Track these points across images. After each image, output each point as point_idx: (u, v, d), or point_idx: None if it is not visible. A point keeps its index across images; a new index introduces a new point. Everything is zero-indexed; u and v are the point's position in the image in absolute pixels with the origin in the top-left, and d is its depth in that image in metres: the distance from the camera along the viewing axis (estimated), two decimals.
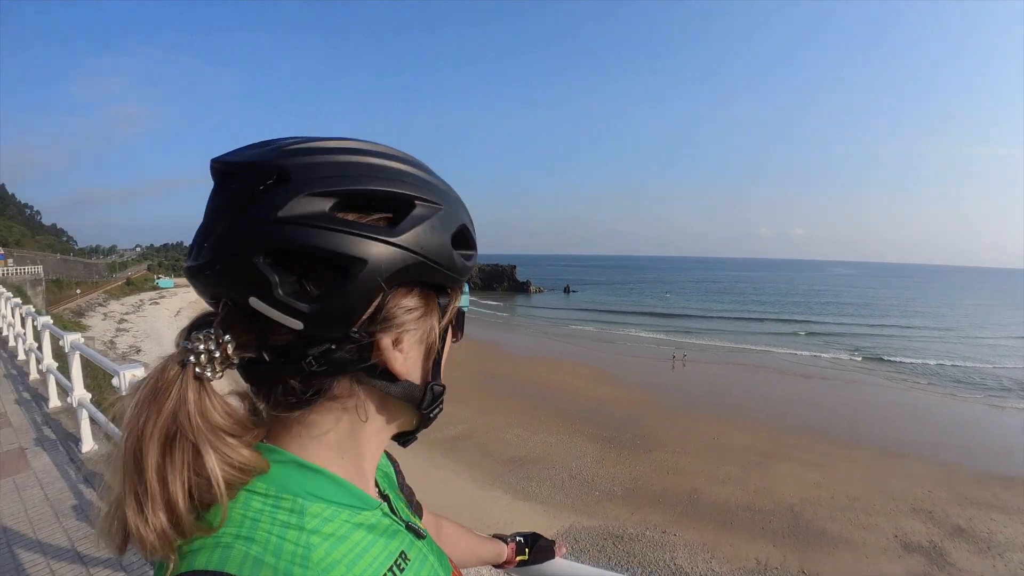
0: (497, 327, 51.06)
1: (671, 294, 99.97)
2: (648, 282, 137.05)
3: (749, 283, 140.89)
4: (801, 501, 13.38)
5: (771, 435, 18.34)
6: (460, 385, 24.80)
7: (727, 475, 14.84)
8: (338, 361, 0.59)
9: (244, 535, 0.52)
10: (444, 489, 13.39)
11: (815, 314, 68.06)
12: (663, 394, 24.05)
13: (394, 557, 0.64)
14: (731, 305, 79.54)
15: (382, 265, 0.58)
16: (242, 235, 0.55)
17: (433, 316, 0.67)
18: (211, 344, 0.56)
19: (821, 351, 39.23)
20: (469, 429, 18.50)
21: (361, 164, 0.61)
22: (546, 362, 31.70)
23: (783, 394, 25.21)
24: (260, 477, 0.57)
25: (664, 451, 16.62)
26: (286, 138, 0.63)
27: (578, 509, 12.75)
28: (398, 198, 0.62)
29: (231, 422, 0.57)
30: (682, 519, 12.35)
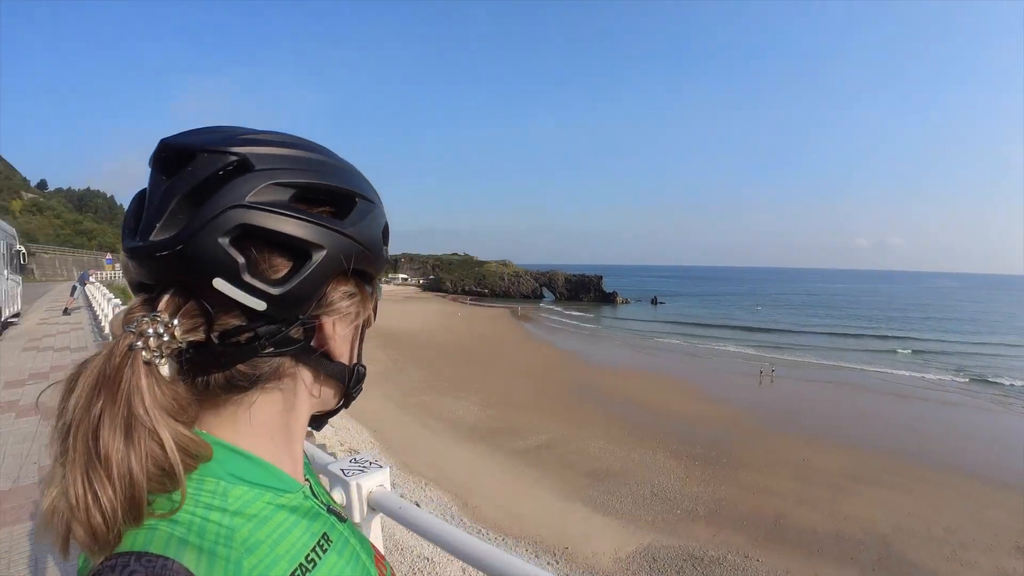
0: (583, 338, 51.01)
1: (762, 307, 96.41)
2: (739, 294, 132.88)
3: (844, 296, 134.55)
4: (893, 531, 12.74)
5: (864, 458, 17.52)
6: (544, 395, 25.03)
7: (815, 499, 14.31)
8: (286, 342, 0.63)
9: (168, 517, 0.53)
10: (524, 499, 13.55)
11: (914, 330, 64.09)
12: (751, 411, 23.37)
13: (316, 538, 0.65)
14: (825, 319, 75.92)
15: (337, 253, 0.63)
16: (208, 217, 0.57)
17: (364, 302, 0.73)
18: (159, 328, 0.57)
19: (921, 370, 36.75)
20: (552, 439, 18.63)
21: (314, 160, 0.67)
22: (631, 375, 31.37)
23: (878, 415, 23.97)
24: None
25: (750, 471, 16.19)
26: (234, 127, 0.66)
27: (658, 527, 12.61)
28: (343, 194, 0.68)
29: (178, 407, 0.57)
30: (766, 543, 12.00)
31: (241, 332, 0.60)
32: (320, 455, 2.13)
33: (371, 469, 1.84)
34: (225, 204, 0.57)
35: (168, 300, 0.58)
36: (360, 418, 19.14)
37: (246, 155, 0.60)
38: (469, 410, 22.13)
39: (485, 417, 21.22)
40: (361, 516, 1.79)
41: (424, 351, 37.13)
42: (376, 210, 0.72)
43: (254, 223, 0.58)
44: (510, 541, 11.08)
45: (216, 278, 0.57)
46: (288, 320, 0.62)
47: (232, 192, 0.58)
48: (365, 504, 1.79)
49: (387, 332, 45.81)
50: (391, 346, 38.55)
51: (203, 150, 0.60)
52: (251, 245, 0.59)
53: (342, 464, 1.88)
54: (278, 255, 0.61)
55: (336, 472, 1.83)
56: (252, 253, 0.59)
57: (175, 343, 0.57)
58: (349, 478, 1.78)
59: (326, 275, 0.64)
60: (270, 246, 0.61)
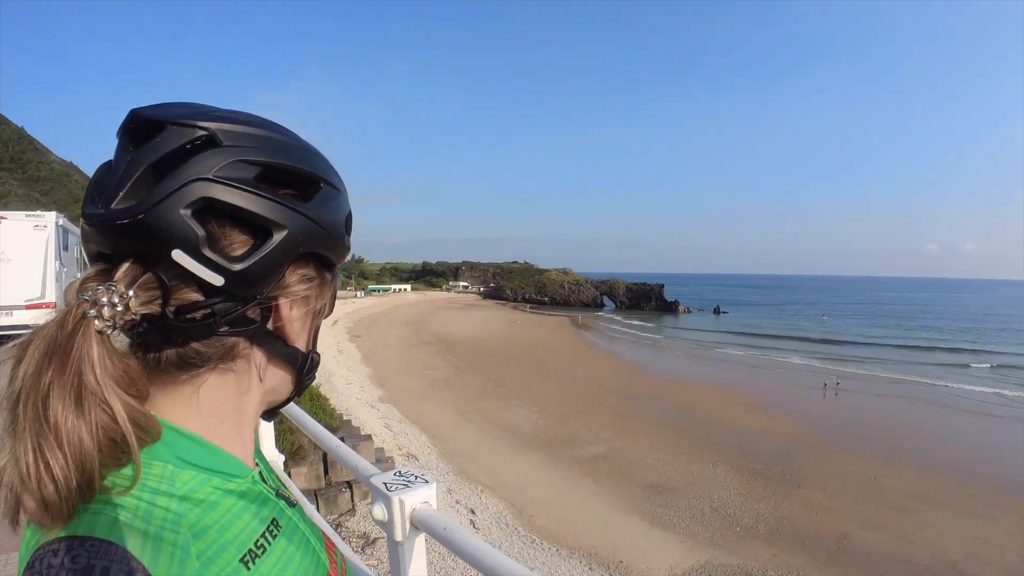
0: (643, 347, 50.47)
1: (828, 316, 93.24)
2: (805, 303, 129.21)
3: (914, 305, 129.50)
4: (964, 557, 12.12)
5: (934, 479, 16.74)
6: (603, 405, 24.89)
7: (882, 520, 13.74)
8: (241, 321, 0.62)
9: (112, 501, 0.52)
10: (579, 509, 13.49)
11: (991, 342, 60.51)
12: (816, 426, 22.64)
13: (266, 524, 0.64)
14: (894, 330, 72.84)
15: (297, 234, 0.63)
16: (172, 187, 0.57)
17: (322, 288, 0.73)
18: (114, 298, 0.56)
19: (999, 386, 34.55)
20: (610, 450, 18.50)
21: (280, 141, 0.66)
22: (693, 385, 30.83)
23: (950, 433, 22.89)
24: None
25: (814, 488, 15.68)
26: (204, 104, 0.66)
27: (717, 544, 12.35)
28: (309, 177, 0.68)
29: (129, 380, 0.56)
30: (828, 566, 11.60)
31: (197, 308, 0.59)
32: (365, 466, 1.99)
33: (416, 484, 1.72)
34: (189, 176, 0.58)
35: (126, 270, 0.58)
36: (419, 423, 19.47)
37: (214, 131, 0.61)
38: (527, 418, 22.18)
39: (543, 426, 21.23)
40: (403, 535, 1.65)
41: (484, 359, 37.43)
42: (340, 197, 0.72)
43: (218, 197, 0.58)
44: (564, 552, 11.05)
45: (175, 250, 0.56)
46: (245, 299, 0.62)
47: (197, 165, 0.59)
48: (408, 522, 1.65)
49: (447, 339, 46.42)
50: (451, 353, 39.04)
51: (172, 122, 0.60)
52: (212, 220, 0.59)
53: (385, 477, 1.76)
54: (239, 232, 0.61)
55: (378, 486, 1.72)
56: (213, 228, 0.59)
57: (129, 314, 0.57)
58: (392, 493, 1.66)
59: (286, 255, 0.63)
60: (232, 222, 0.61)
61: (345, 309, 71.99)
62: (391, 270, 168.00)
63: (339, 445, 2.33)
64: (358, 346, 40.73)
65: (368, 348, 39.83)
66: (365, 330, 52.68)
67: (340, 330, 50.69)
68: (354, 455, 2.15)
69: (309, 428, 2.86)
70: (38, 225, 14.74)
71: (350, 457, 2.11)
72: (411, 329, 53.52)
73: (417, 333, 50.40)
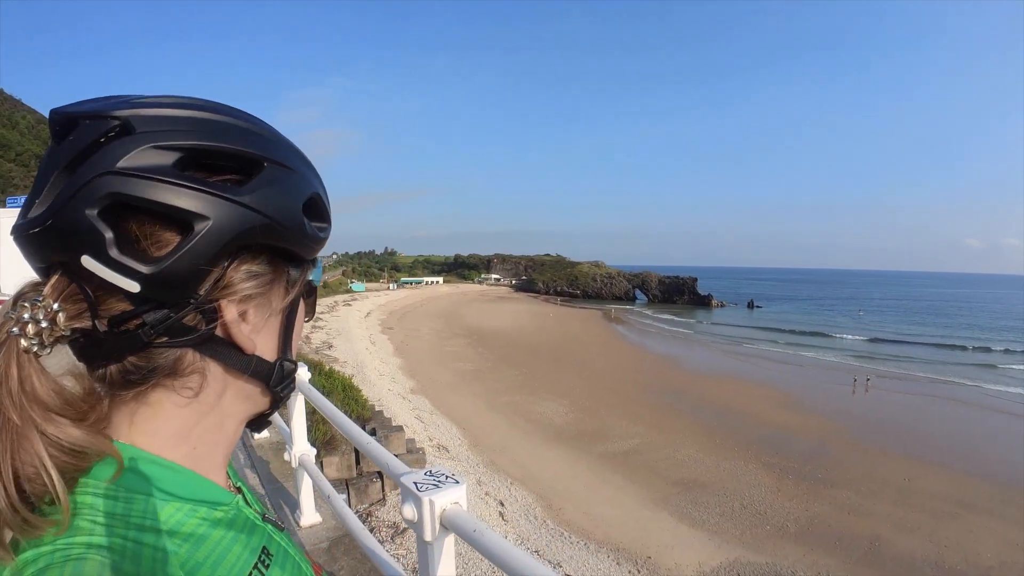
0: (675, 341, 50.11)
1: (864, 312, 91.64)
2: (840, 299, 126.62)
3: (955, 302, 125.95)
4: (1000, 564, 11.88)
5: (970, 482, 16.37)
6: (634, 400, 24.80)
7: (915, 524, 13.53)
8: (179, 331, 0.56)
9: (96, 543, 0.48)
10: (608, 504, 13.53)
11: None
12: (850, 425, 22.29)
13: (257, 554, 0.61)
14: (933, 327, 70.79)
15: (226, 225, 0.55)
16: (78, 187, 0.52)
17: (282, 286, 0.64)
18: (39, 313, 0.52)
19: None
20: (640, 445, 18.48)
21: (209, 120, 0.59)
22: (725, 381, 30.58)
23: (989, 436, 22.31)
24: (108, 478, 0.52)
25: (846, 489, 15.48)
26: (132, 95, 0.59)
27: (746, 542, 12.30)
28: (247, 157, 0.59)
29: (60, 402, 0.52)
30: (859, 568, 11.47)
31: (128, 318, 0.54)
32: (395, 464, 2.01)
33: (447, 484, 1.69)
34: (94, 172, 0.52)
35: (54, 283, 0.54)
36: (450, 415, 19.66)
37: (128, 118, 0.54)
38: (558, 412, 22.24)
39: (574, 419, 21.27)
40: (432, 535, 1.65)
41: (515, 351, 37.56)
42: (294, 177, 0.63)
43: (124, 191, 0.52)
44: (592, 546, 11.12)
45: (83, 255, 0.51)
46: (178, 304, 0.55)
47: (103, 159, 0.52)
48: (438, 522, 1.65)
49: (479, 331, 46.62)
50: (482, 345, 39.22)
51: (86, 116, 0.55)
52: (130, 217, 0.53)
53: (416, 476, 1.75)
54: (163, 228, 0.54)
55: (409, 485, 1.70)
56: (131, 226, 0.53)
57: (58, 330, 0.52)
58: (422, 493, 1.65)
59: (215, 250, 0.55)
60: (153, 218, 0.54)
61: (379, 301, 72.72)
62: (423, 262, 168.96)
63: (370, 442, 2.35)
64: (390, 338, 41.13)
65: (400, 340, 40.19)
66: (397, 322, 53.18)
67: (373, 322, 51.33)
68: (384, 452, 2.16)
69: (340, 424, 2.85)
70: None
71: (381, 454, 2.13)
72: (443, 321, 53.89)
73: (449, 325, 50.73)
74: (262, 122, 0.64)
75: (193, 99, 0.60)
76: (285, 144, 0.65)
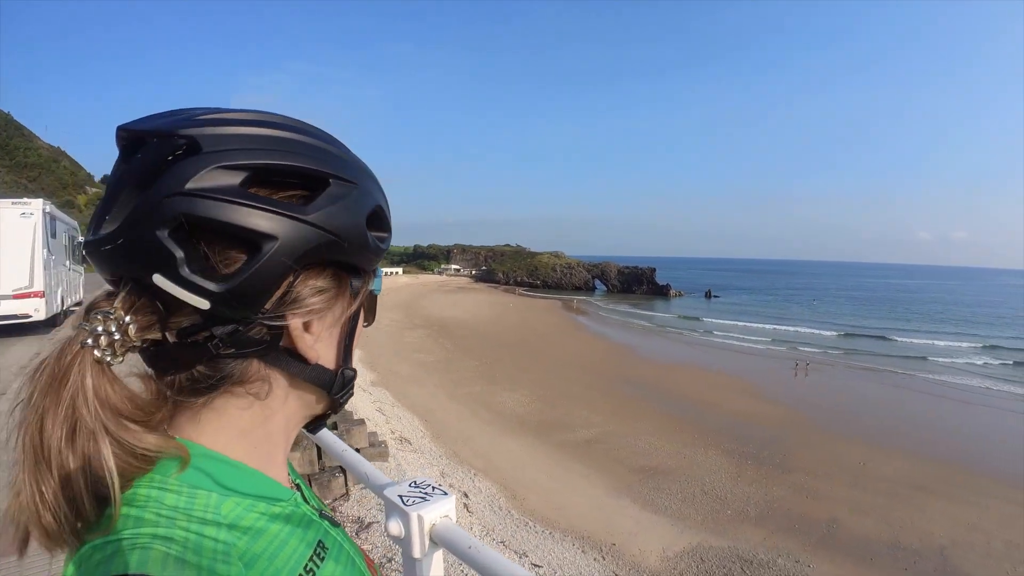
0: (634, 331, 50.57)
1: (818, 301, 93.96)
2: (795, 288, 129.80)
3: (906, 291, 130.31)
4: (952, 543, 12.25)
5: (923, 465, 16.85)
6: (594, 388, 24.97)
7: (872, 506, 13.87)
8: (246, 343, 0.58)
9: (162, 535, 0.50)
10: (572, 493, 13.55)
11: (985, 330, 60.44)
12: (808, 411, 22.74)
13: (312, 547, 0.63)
14: (887, 316, 73.21)
15: (294, 243, 0.57)
16: (148, 207, 0.53)
17: (345, 299, 0.66)
18: (111, 325, 0.54)
19: (992, 376, 34.47)
20: (601, 433, 18.54)
21: (275, 137, 0.59)
22: (683, 369, 30.94)
23: (942, 421, 23.04)
24: (172, 473, 0.55)
25: (804, 473, 15.80)
26: (198, 108, 0.61)
27: (708, 527, 12.44)
28: (312, 175, 0.60)
29: (132, 407, 0.55)
30: (818, 549, 11.71)
31: (197, 331, 0.57)
32: (376, 476, 1.88)
33: (434, 496, 1.59)
34: (163, 193, 0.53)
35: (124, 296, 0.56)
36: (412, 407, 19.46)
37: (195, 137, 0.56)
38: (519, 402, 22.21)
39: (535, 409, 21.26)
40: (421, 552, 1.55)
41: (476, 342, 37.44)
42: (356, 192, 0.64)
43: (194, 212, 0.53)
44: (557, 534, 11.10)
45: (155, 274, 0.54)
46: (243, 319, 0.57)
47: (172, 179, 0.54)
48: (427, 538, 1.54)
49: (439, 322, 46.39)
50: (443, 336, 39.00)
51: (154, 134, 0.57)
52: (199, 237, 0.55)
53: (400, 489, 1.63)
54: (232, 248, 0.56)
55: (393, 499, 1.58)
56: (200, 246, 0.55)
57: (130, 341, 0.55)
58: (409, 507, 1.53)
59: (282, 269, 0.57)
60: (221, 237, 0.56)
61: None
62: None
63: (345, 450, 2.18)
64: None
65: None
66: None
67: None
68: (362, 461, 2.02)
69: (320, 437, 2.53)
70: (25, 213, 14.56)
71: (358, 464, 1.96)
72: (402, 312, 53.31)
73: (408, 316, 50.21)
74: (326, 135, 0.66)
75: (257, 114, 0.61)
76: (349, 158, 0.66)
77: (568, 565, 9.77)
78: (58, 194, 66.04)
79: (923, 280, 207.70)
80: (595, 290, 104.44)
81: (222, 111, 0.60)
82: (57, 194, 64.94)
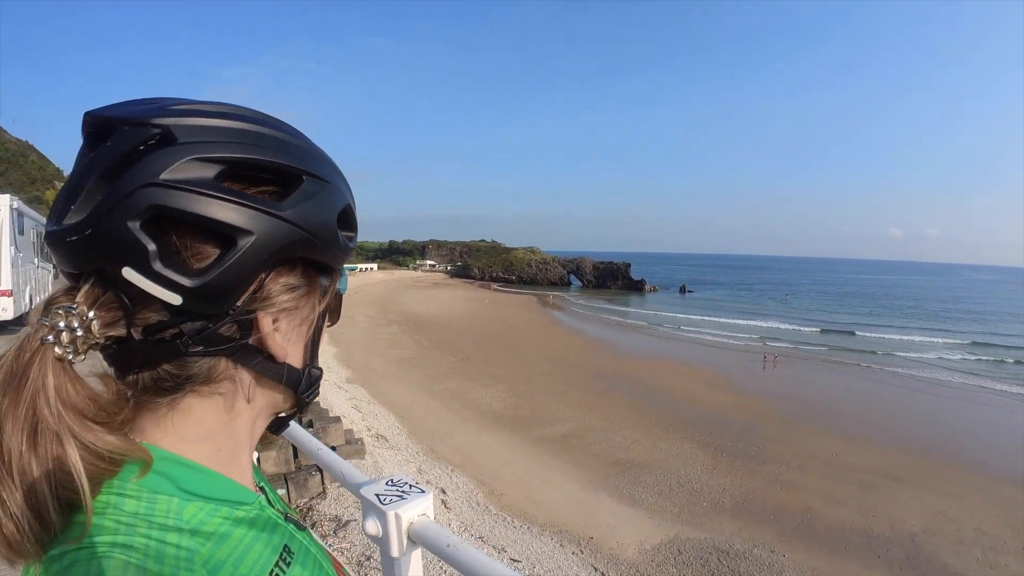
0: (610, 326, 50.83)
1: (791, 296, 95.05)
2: (769, 283, 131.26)
3: (879, 287, 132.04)
4: (924, 531, 12.50)
5: (895, 455, 17.16)
6: (570, 383, 25.04)
7: (845, 496, 14.09)
8: (215, 340, 0.56)
9: (121, 542, 0.48)
10: (549, 487, 13.57)
11: (955, 325, 61.58)
12: (781, 404, 23.04)
13: (278, 552, 0.61)
14: (858, 311, 73.99)
15: (269, 239, 0.55)
16: (119, 197, 0.51)
17: (315, 297, 0.65)
18: (73, 321, 0.51)
19: (962, 368, 35.31)
20: (577, 428, 18.60)
21: (250, 132, 0.58)
22: (659, 364, 31.12)
23: (914, 412, 23.47)
24: (132, 478, 0.53)
25: (779, 464, 15.99)
26: (168, 97, 0.58)
27: (684, 519, 12.54)
28: (286, 171, 0.59)
29: (96, 408, 0.52)
30: (793, 539, 11.87)
31: (164, 328, 0.54)
32: (352, 474, 1.81)
33: (412, 494, 1.55)
34: (136, 183, 0.51)
35: (87, 290, 0.53)
36: (388, 403, 19.34)
37: (170, 127, 0.53)
38: (496, 397, 22.18)
39: (512, 404, 21.25)
40: (400, 551, 1.51)
41: (451, 337, 37.32)
42: (328, 190, 0.62)
43: (168, 204, 0.51)
44: (535, 529, 11.11)
45: (125, 267, 0.51)
46: (214, 315, 0.55)
47: (146, 169, 0.52)
48: (405, 536, 1.50)
49: (414, 318, 46.18)
50: (418, 332, 38.84)
51: (125, 122, 0.54)
52: (171, 230, 0.53)
53: (377, 488, 1.58)
54: (205, 242, 0.54)
55: (370, 498, 1.54)
56: (172, 239, 0.53)
57: (92, 338, 0.52)
58: (386, 506, 1.50)
59: (256, 264, 0.55)
60: (195, 231, 0.54)
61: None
62: (357, 249, 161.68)
63: (320, 448, 2.14)
64: None
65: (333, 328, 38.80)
66: None
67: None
68: (338, 460, 1.96)
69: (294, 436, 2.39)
70: None
71: (334, 462, 1.90)
72: (377, 308, 52.93)
73: (384, 312, 49.89)
74: (298, 132, 0.64)
75: (232, 107, 0.59)
76: (320, 156, 0.64)
77: (547, 559, 9.78)
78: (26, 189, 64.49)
79: (895, 276, 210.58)
80: (570, 285, 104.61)
81: (195, 102, 0.57)
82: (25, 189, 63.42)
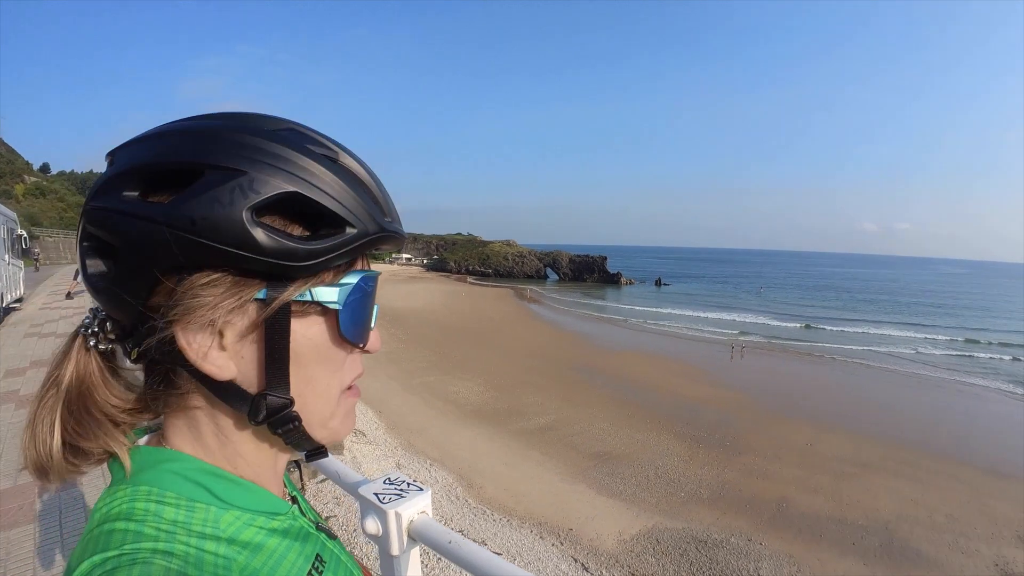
0: (586, 319, 51.00)
1: (766, 288, 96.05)
2: (744, 276, 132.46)
3: (852, 280, 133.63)
4: (896, 518, 12.77)
5: (868, 445, 17.48)
6: (548, 376, 25.08)
7: (819, 485, 14.34)
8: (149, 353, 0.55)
9: (162, 549, 0.49)
10: (528, 480, 13.63)
11: (928, 318, 62.25)
12: (757, 395, 23.36)
13: (311, 561, 0.62)
14: (833, 303, 75.12)
15: (139, 245, 0.51)
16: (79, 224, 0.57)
17: (251, 307, 0.55)
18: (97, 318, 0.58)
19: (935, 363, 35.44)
20: (556, 420, 18.69)
21: (168, 133, 0.54)
22: (635, 356, 31.36)
23: (885, 402, 23.85)
24: (171, 487, 0.55)
25: (754, 455, 16.22)
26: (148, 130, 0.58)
27: (662, 509, 12.67)
28: (183, 167, 0.52)
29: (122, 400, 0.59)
30: (769, 528, 12.06)
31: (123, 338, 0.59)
32: (348, 473, 1.83)
33: (410, 492, 1.55)
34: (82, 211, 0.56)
35: None
36: (365, 398, 19.20)
37: (116, 152, 0.57)
38: (473, 390, 22.20)
39: (489, 398, 21.29)
40: (400, 549, 1.51)
41: (428, 331, 37.20)
42: (240, 181, 0.51)
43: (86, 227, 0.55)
44: (515, 522, 11.14)
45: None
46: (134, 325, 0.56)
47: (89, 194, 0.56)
48: (405, 535, 1.50)
49: (391, 312, 45.86)
50: (395, 326, 38.61)
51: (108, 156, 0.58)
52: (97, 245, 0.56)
53: (375, 487, 1.58)
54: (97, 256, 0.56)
55: (369, 497, 1.53)
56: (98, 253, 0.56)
57: (107, 334, 0.58)
58: (386, 505, 1.49)
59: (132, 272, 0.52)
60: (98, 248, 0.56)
61: None
62: None
63: None
64: None
65: None
66: None
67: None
68: (332, 460, 1.90)
69: None
70: None
71: (328, 461, 1.87)
72: None
73: None
74: (239, 122, 0.55)
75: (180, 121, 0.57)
76: (254, 142, 0.53)
77: (527, 552, 9.79)
78: None
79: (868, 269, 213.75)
80: (547, 278, 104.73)
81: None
82: None
